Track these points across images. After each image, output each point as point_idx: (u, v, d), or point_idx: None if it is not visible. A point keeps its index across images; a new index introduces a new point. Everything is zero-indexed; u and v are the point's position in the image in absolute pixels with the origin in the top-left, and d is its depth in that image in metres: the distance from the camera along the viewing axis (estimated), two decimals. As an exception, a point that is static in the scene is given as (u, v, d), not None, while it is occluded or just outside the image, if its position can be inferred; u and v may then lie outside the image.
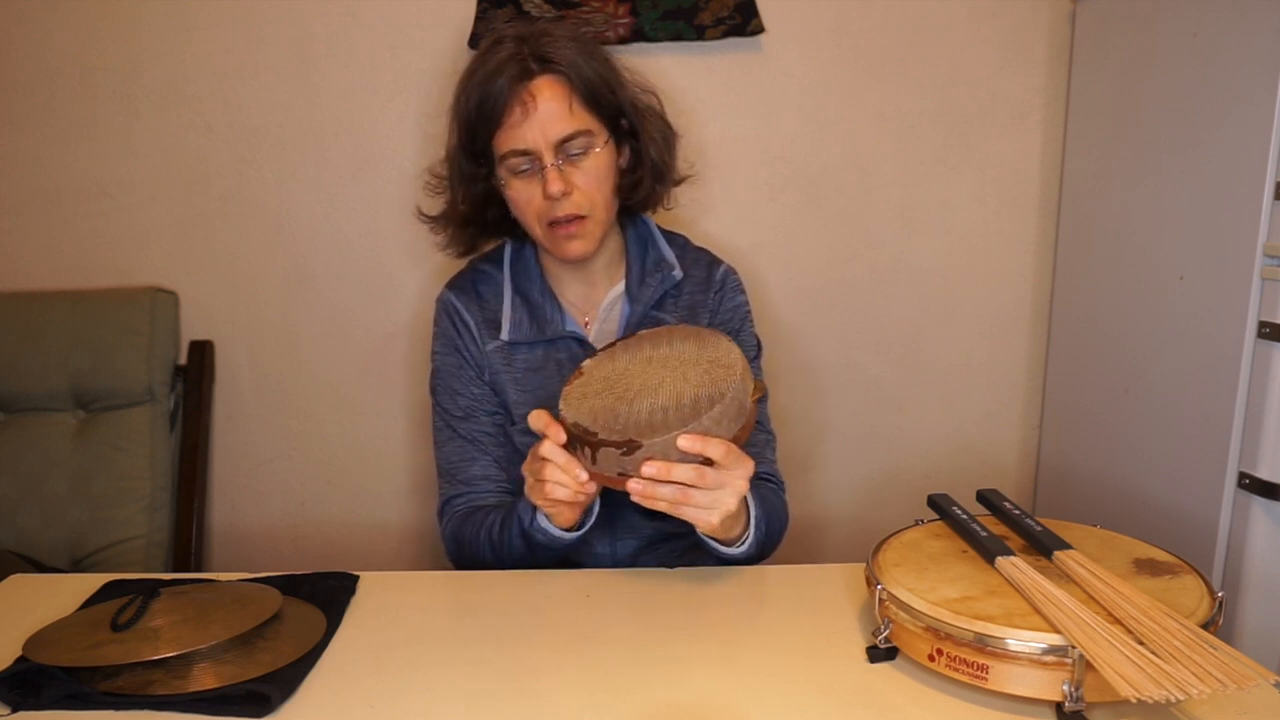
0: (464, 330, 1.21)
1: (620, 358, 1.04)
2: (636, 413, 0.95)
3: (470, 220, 1.21)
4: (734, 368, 0.96)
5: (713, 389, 0.94)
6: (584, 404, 0.99)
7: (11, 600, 1.07)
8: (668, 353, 1.01)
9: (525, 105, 1.09)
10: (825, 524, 1.89)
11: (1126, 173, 1.53)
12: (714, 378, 0.96)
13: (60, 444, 1.66)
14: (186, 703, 0.83)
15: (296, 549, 1.87)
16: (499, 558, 1.12)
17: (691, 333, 1.03)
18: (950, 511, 1.03)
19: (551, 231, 1.13)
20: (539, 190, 1.11)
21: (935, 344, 1.83)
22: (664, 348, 1.02)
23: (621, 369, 1.02)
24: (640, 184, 1.20)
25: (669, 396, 0.95)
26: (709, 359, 0.98)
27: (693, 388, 0.95)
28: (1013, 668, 0.79)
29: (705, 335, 1.02)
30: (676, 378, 0.97)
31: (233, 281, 1.78)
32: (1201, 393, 1.35)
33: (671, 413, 0.94)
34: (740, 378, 0.95)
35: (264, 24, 1.69)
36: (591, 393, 1.00)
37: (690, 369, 0.98)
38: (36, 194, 1.75)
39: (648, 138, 1.19)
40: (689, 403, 0.94)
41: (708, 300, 1.23)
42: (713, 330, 1.03)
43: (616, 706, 0.83)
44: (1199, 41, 1.34)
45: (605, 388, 1.00)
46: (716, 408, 0.92)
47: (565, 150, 1.10)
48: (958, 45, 1.71)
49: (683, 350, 1.01)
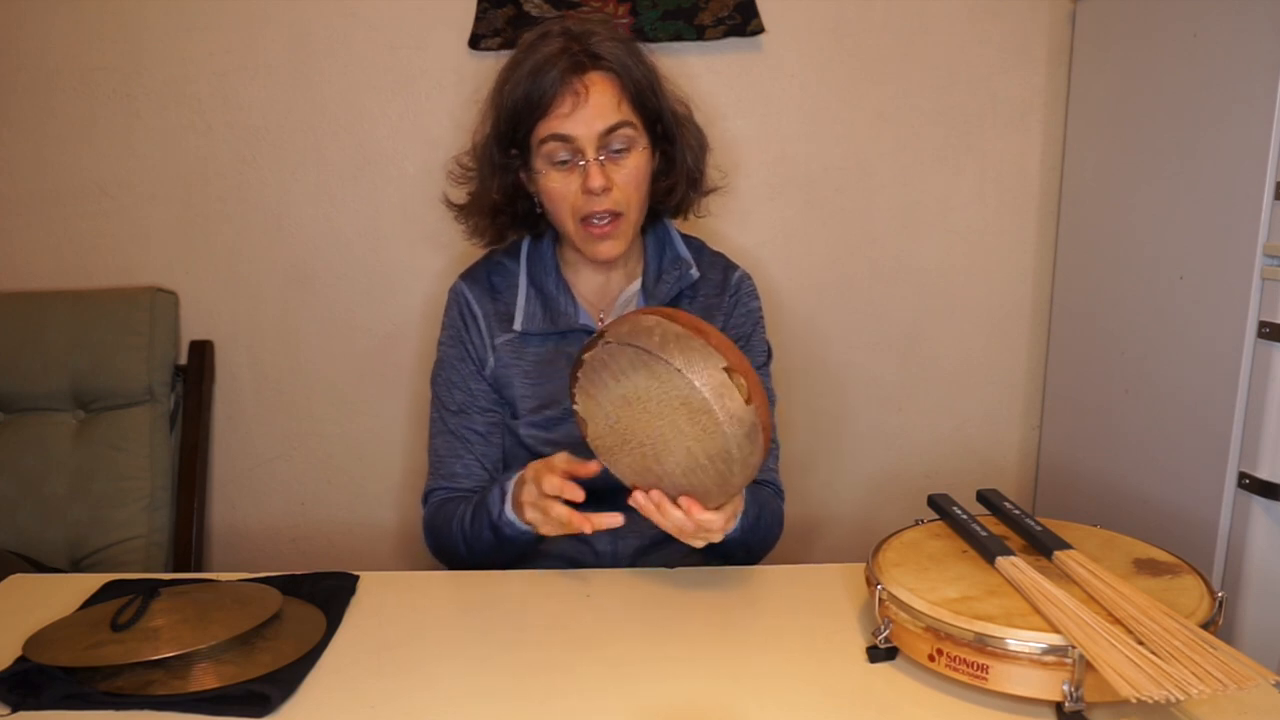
0: (471, 322, 1.22)
1: (599, 397, 0.95)
2: (671, 474, 0.95)
3: (501, 209, 1.21)
4: (708, 411, 0.88)
5: (712, 444, 0.90)
6: (620, 463, 0.98)
7: (11, 600, 1.07)
8: (634, 391, 0.92)
9: (577, 96, 1.09)
10: (825, 524, 1.89)
11: (1126, 173, 1.53)
12: (704, 429, 0.89)
13: (60, 444, 1.66)
14: (186, 703, 0.83)
15: (296, 549, 1.87)
16: (470, 549, 1.13)
17: (636, 360, 0.90)
18: (950, 511, 1.03)
19: (585, 229, 1.13)
20: (577, 184, 1.12)
21: (935, 344, 1.83)
22: (625, 383, 0.92)
23: (613, 415, 0.95)
24: (674, 189, 1.21)
25: (684, 454, 0.92)
26: (679, 400, 0.89)
27: (693, 441, 0.91)
28: (1013, 668, 0.79)
29: (652, 364, 0.89)
30: (672, 429, 0.91)
31: (233, 281, 1.78)
32: (1201, 393, 1.35)
33: (701, 474, 0.93)
34: (725, 422, 0.88)
35: (264, 24, 1.69)
36: (612, 446, 0.98)
37: (673, 416, 0.90)
38: (36, 194, 1.75)
39: (684, 144, 1.20)
40: (707, 462, 0.91)
41: (723, 303, 1.24)
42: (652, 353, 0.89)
43: (616, 706, 0.83)
44: (1199, 41, 1.34)
45: (619, 442, 0.96)
46: (735, 466, 0.90)
47: (608, 146, 1.11)
48: (958, 45, 1.71)
49: (647, 388, 0.91)
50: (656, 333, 0.90)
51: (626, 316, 0.94)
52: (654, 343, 0.89)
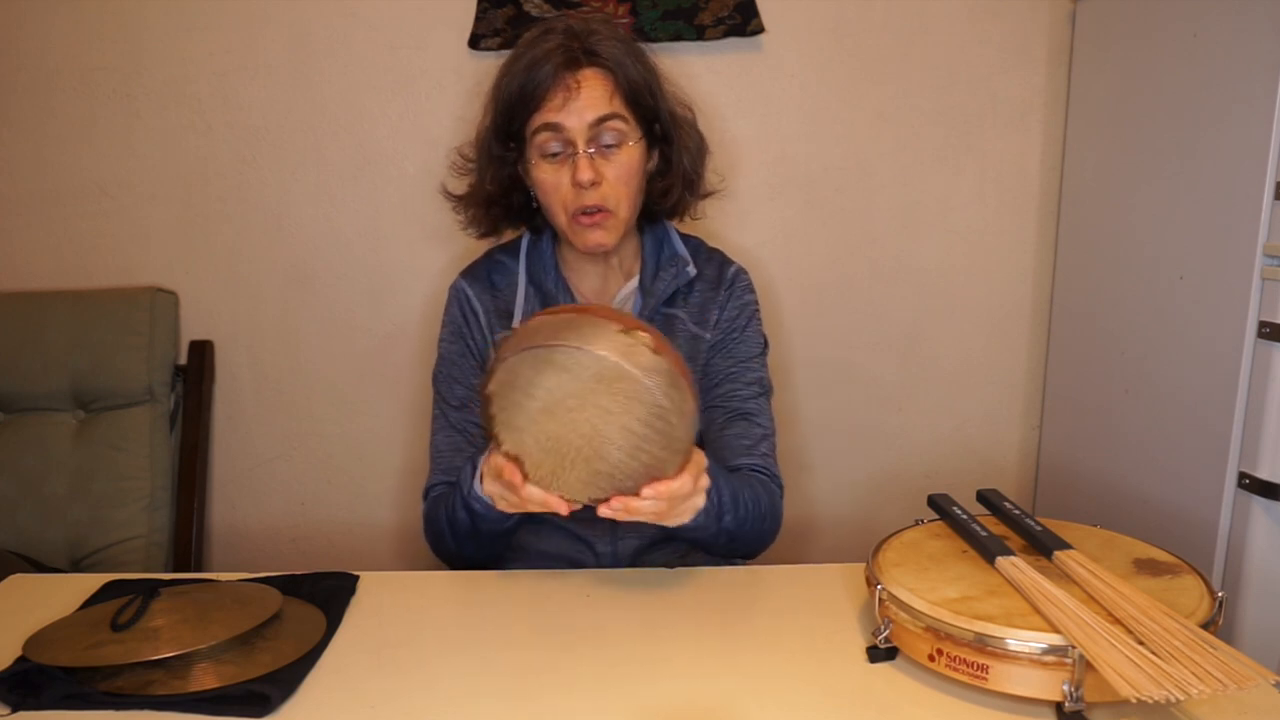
0: (472, 319, 1.22)
1: (521, 423, 0.93)
2: (619, 465, 0.92)
3: (495, 200, 1.22)
4: (623, 374, 0.87)
5: (641, 408, 0.88)
6: (569, 482, 0.94)
7: (11, 600, 1.07)
8: (549, 396, 0.90)
9: (569, 90, 1.11)
10: (825, 524, 1.89)
11: (1126, 173, 1.53)
12: (626, 395, 0.88)
13: (60, 444, 1.66)
14: (186, 703, 0.83)
15: (296, 549, 1.87)
16: (454, 533, 1.13)
17: (536, 361, 0.90)
18: (950, 511, 1.03)
19: (575, 221, 1.15)
20: (568, 177, 1.13)
21: (935, 344, 1.83)
22: (537, 393, 0.90)
23: (542, 434, 0.92)
24: (671, 190, 1.22)
25: (621, 436, 0.90)
26: (593, 379, 0.88)
27: (624, 415, 0.89)
28: (1013, 668, 0.79)
29: (553, 356, 0.89)
30: (599, 414, 0.89)
31: (233, 281, 1.78)
32: (1201, 393, 1.35)
33: (647, 445, 0.90)
34: (643, 377, 0.87)
35: (264, 24, 1.69)
36: (554, 469, 0.94)
37: (595, 399, 0.89)
38: (36, 194, 1.75)
39: (681, 146, 1.21)
40: (646, 430, 0.89)
41: (718, 297, 1.24)
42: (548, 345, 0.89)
43: (616, 706, 0.83)
44: (1199, 41, 1.34)
45: (558, 462, 0.93)
46: (672, 417, 0.89)
47: (598, 139, 1.12)
48: (958, 45, 1.71)
49: (559, 385, 0.89)
50: (543, 329, 0.90)
51: (508, 335, 0.93)
52: (544, 336, 0.89)
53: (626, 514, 0.95)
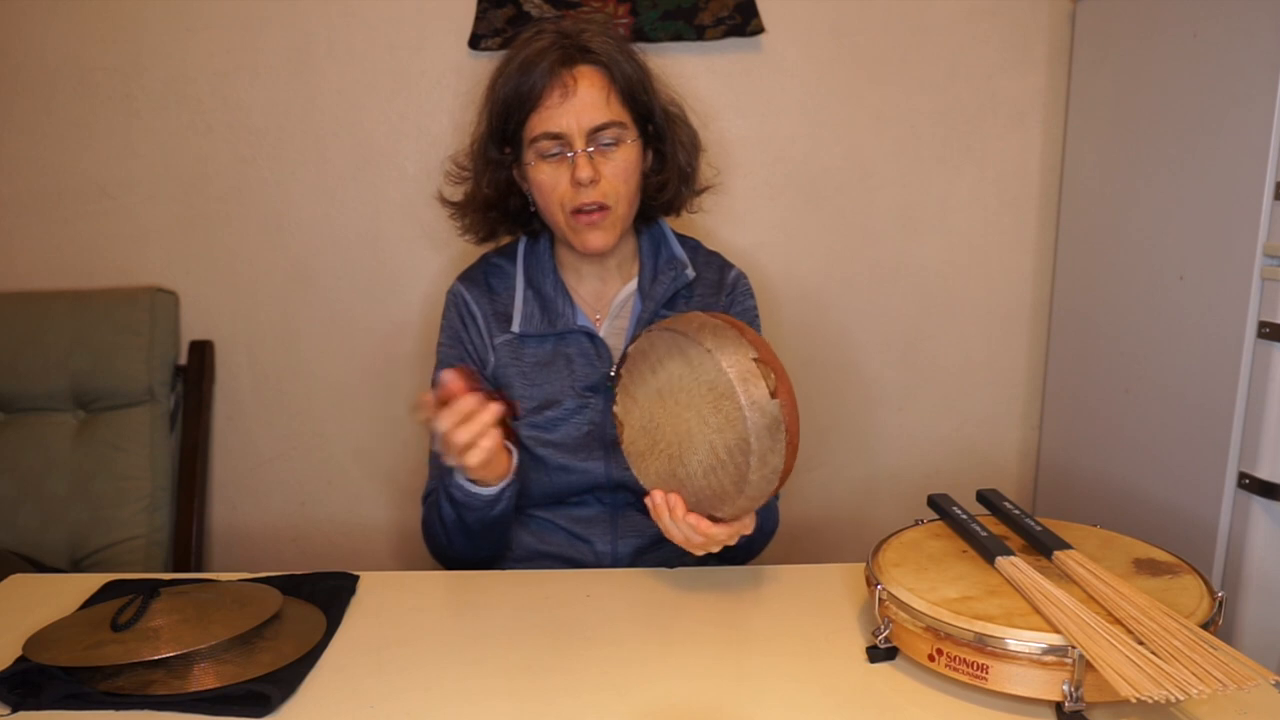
0: (470, 323, 1.22)
1: (638, 394, 1.00)
2: (693, 476, 0.96)
3: (492, 205, 1.23)
4: (731, 395, 0.89)
5: (732, 434, 0.90)
6: (648, 468, 1.01)
7: (11, 600, 1.07)
8: (668, 382, 0.96)
9: (565, 89, 1.11)
10: (825, 524, 1.89)
11: (1126, 173, 1.53)
12: (726, 416, 0.90)
13: (60, 444, 1.66)
14: (186, 703, 0.83)
15: (296, 549, 1.87)
16: (447, 532, 1.14)
17: (672, 345, 0.95)
18: (950, 511, 1.03)
19: (574, 220, 1.15)
20: (566, 176, 1.13)
21: (935, 344, 1.83)
22: (661, 373, 0.96)
23: (648, 414, 0.99)
24: (666, 186, 1.22)
25: (706, 451, 0.93)
26: (706, 385, 0.92)
27: (715, 434, 0.92)
28: (1013, 668, 0.79)
29: (686, 348, 0.93)
30: (698, 420, 0.93)
31: (233, 281, 1.78)
32: (1201, 393, 1.35)
33: (721, 473, 0.93)
34: (746, 407, 0.89)
35: (264, 24, 1.69)
36: (643, 450, 1.00)
37: (700, 405, 0.93)
38: (36, 194, 1.75)
39: (676, 140, 1.21)
40: (726, 457, 0.92)
41: (719, 302, 1.25)
42: (688, 336, 0.93)
43: (616, 706, 0.83)
44: (1199, 41, 1.34)
45: (650, 445, 1.00)
46: (753, 460, 0.90)
47: (597, 139, 1.12)
48: (958, 45, 1.71)
49: (680, 376, 0.94)
50: (696, 322, 0.95)
51: (677, 315, 0.99)
52: (691, 328, 0.94)
53: (666, 516, 0.98)
